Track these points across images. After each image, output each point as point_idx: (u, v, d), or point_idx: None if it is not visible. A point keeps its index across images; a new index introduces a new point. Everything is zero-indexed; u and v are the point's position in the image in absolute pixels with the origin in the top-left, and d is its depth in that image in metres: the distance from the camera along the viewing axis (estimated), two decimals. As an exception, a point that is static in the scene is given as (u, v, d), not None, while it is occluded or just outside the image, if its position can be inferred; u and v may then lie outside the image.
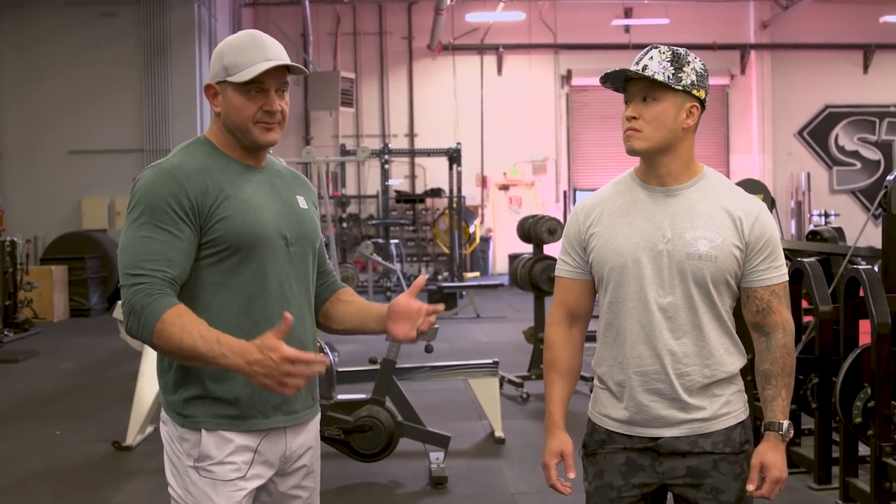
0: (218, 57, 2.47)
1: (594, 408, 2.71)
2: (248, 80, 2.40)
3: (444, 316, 13.54)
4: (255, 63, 2.41)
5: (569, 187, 21.00)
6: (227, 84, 2.44)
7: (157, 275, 2.30)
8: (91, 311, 14.99)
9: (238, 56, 2.42)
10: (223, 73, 2.44)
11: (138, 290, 2.29)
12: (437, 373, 6.64)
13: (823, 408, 5.31)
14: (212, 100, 2.50)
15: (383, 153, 17.67)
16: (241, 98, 2.43)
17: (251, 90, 2.43)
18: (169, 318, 2.25)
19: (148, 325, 2.26)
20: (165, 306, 2.27)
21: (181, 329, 2.24)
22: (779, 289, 2.60)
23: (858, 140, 21.90)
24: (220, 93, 2.47)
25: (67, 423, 7.49)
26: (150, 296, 2.27)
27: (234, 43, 2.47)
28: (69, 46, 16.72)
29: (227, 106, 2.46)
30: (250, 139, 2.47)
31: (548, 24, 21.05)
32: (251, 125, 2.45)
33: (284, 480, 2.57)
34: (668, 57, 2.52)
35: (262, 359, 2.18)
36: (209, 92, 2.50)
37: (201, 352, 2.23)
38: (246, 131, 2.46)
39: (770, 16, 21.40)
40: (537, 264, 8.61)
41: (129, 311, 2.30)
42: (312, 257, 2.62)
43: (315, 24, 19.67)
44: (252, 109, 2.44)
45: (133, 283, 2.30)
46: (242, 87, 2.42)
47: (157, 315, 2.25)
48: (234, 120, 2.45)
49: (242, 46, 2.44)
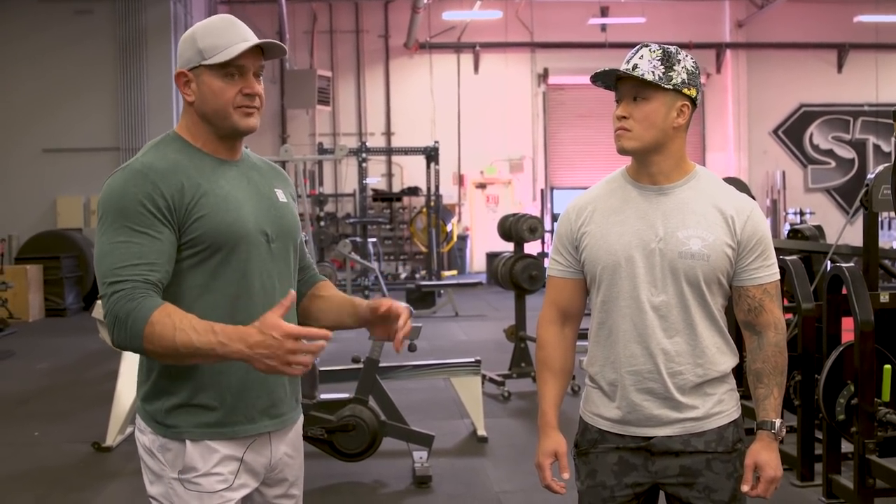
0: (190, 42, 2.36)
1: (586, 407, 2.70)
2: (227, 61, 2.32)
3: (422, 314, 13.53)
4: (234, 44, 2.33)
5: (546, 186, 21.02)
6: (202, 68, 2.34)
7: (138, 279, 2.19)
8: (67, 310, 14.85)
9: (214, 39, 2.33)
10: (198, 57, 2.34)
11: (119, 298, 2.18)
12: (420, 371, 6.63)
13: (806, 405, 5.35)
14: (183, 88, 2.38)
15: (360, 152, 17.62)
16: (220, 81, 2.34)
17: (230, 72, 2.34)
18: (157, 318, 2.15)
19: (136, 331, 2.16)
20: (152, 307, 2.16)
21: (173, 327, 2.14)
22: (771, 287, 2.60)
23: (833, 139, 22.05)
24: (194, 79, 2.36)
25: (45, 424, 7.42)
26: (132, 300, 2.17)
27: (209, 27, 2.37)
28: (43, 44, 16.55)
29: (203, 92, 2.35)
30: (230, 125, 2.37)
31: (524, 22, 21.06)
32: (231, 110, 2.35)
33: (270, 489, 2.51)
34: (659, 56, 2.51)
35: (263, 339, 2.09)
36: (181, 80, 2.38)
37: (198, 345, 2.13)
38: (225, 117, 2.36)
39: (745, 15, 21.51)
40: (518, 263, 8.61)
41: (113, 321, 2.18)
42: (294, 253, 2.54)
43: (291, 22, 19.58)
44: (231, 92, 2.34)
45: (113, 292, 2.19)
46: (221, 69, 2.33)
47: (144, 318, 2.15)
48: (211, 105, 2.35)
49: (218, 29, 2.36)
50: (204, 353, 2.16)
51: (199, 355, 2.17)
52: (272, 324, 2.10)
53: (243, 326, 2.14)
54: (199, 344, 2.14)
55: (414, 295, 14.30)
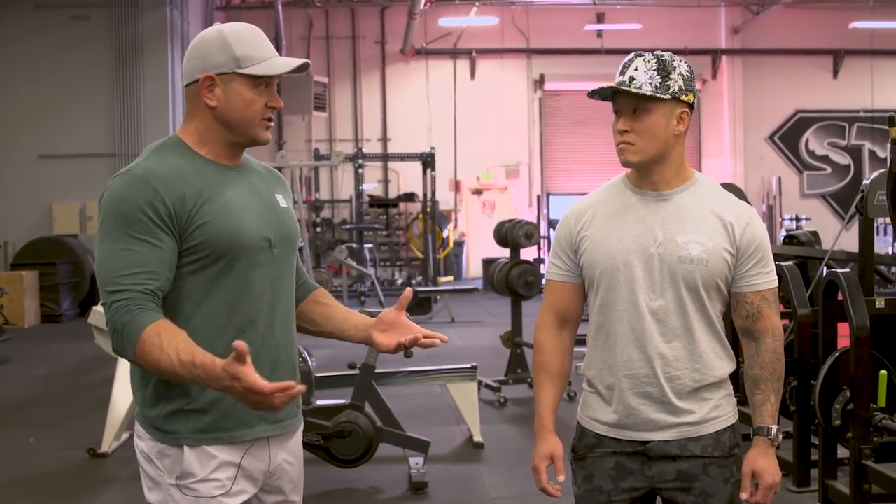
0: (221, 46, 2.32)
1: (583, 411, 2.70)
2: (266, 75, 2.33)
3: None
4: (269, 57, 2.34)
5: (542, 191, 21.05)
6: (234, 76, 2.32)
7: (137, 288, 2.19)
8: (62, 316, 14.81)
9: (250, 48, 2.33)
10: (232, 63, 2.31)
11: (118, 308, 2.19)
12: (416, 377, 6.63)
13: (802, 411, 5.34)
14: (206, 92, 2.33)
15: (357, 158, 17.63)
16: (251, 92, 2.33)
17: (261, 85, 2.35)
18: (147, 336, 2.15)
19: (129, 344, 2.17)
20: (144, 323, 2.16)
21: (159, 349, 2.14)
22: (769, 294, 2.60)
23: (829, 145, 22.10)
24: (221, 85, 2.33)
25: (41, 430, 7.40)
26: (129, 312, 2.17)
27: (242, 34, 2.35)
28: (39, 49, 16.54)
29: (231, 99, 2.33)
30: (252, 135, 2.38)
31: (521, 28, 21.09)
32: (258, 121, 2.37)
33: (269, 496, 2.50)
34: (654, 66, 2.50)
35: (231, 385, 2.08)
36: (206, 84, 2.33)
37: (180, 375, 2.15)
38: (250, 127, 2.36)
39: (741, 21, 21.55)
40: (514, 268, 8.62)
41: (112, 331, 2.21)
42: (294, 258, 2.54)
43: (288, 28, 19.61)
44: (260, 105, 2.35)
45: (113, 301, 2.20)
46: (254, 80, 2.33)
47: (136, 333, 2.16)
48: (240, 115, 2.34)
49: (252, 39, 2.35)
50: (182, 380, 2.19)
51: (179, 380, 2.20)
52: (235, 374, 2.05)
53: (217, 365, 2.09)
54: (181, 374, 2.16)
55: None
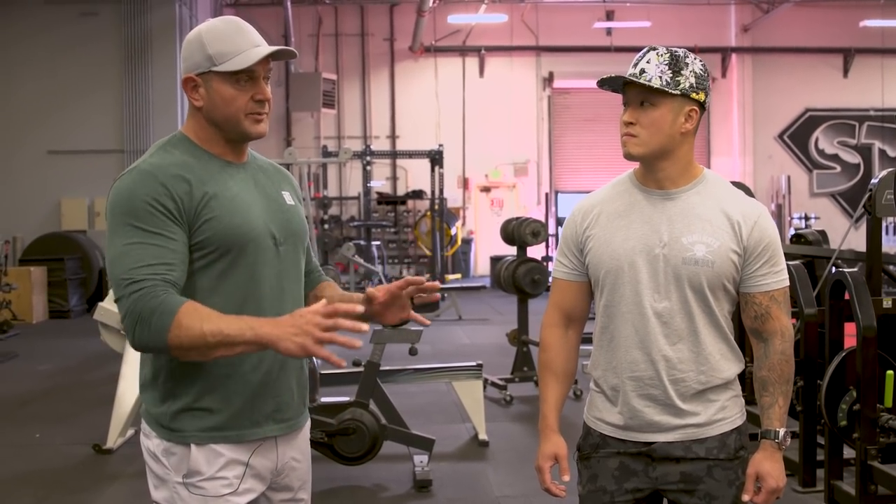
0: (197, 47, 2.32)
1: (589, 411, 2.68)
2: (241, 69, 2.30)
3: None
4: (245, 50, 2.30)
5: (550, 189, 21.01)
6: (212, 74, 2.31)
7: (157, 278, 2.16)
8: (70, 312, 14.85)
9: (223, 45, 2.30)
10: (207, 62, 2.31)
11: (141, 296, 2.14)
12: (421, 375, 6.61)
13: (808, 411, 5.32)
14: (191, 93, 2.35)
15: (365, 155, 17.62)
16: (231, 88, 2.31)
17: (241, 79, 2.32)
18: (185, 311, 2.12)
19: (162, 326, 2.12)
20: (178, 302, 2.14)
21: (200, 318, 2.12)
22: (778, 294, 2.56)
23: (838, 143, 22.01)
24: (203, 85, 2.33)
25: (47, 425, 7.42)
26: (155, 297, 2.13)
27: (216, 31, 2.33)
28: (48, 45, 16.57)
29: (213, 98, 2.33)
30: (240, 131, 2.36)
31: (530, 26, 21.04)
32: (242, 117, 2.34)
33: (277, 494, 2.49)
34: (666, 60, 2.47)
35: (294, 319, 2.10)
36: (188, 85, 2.35)
37: (227, 332, 2.11)
38: (236, 123, 2.34)
39: (751, 19, 21.48)
40: (521, 266, 8.60)
41: (135, 320, 2.14)
42: (302, 255, 2.53)
43: (297, 25, 19.60)
44: (243, 100, 2.33)
45: (132, 291, 2.15)
46: (231, 76, 2.31)
47: (171, 312, 2.12)
48: (222, 112, 2.33)
49: (225, 34, 2.32)
50: (233, 339, 2.12)
51: (228, 343, 2.12)
52: (301, 313, 2.12)
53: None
54: (228, 330, 2.11)
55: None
